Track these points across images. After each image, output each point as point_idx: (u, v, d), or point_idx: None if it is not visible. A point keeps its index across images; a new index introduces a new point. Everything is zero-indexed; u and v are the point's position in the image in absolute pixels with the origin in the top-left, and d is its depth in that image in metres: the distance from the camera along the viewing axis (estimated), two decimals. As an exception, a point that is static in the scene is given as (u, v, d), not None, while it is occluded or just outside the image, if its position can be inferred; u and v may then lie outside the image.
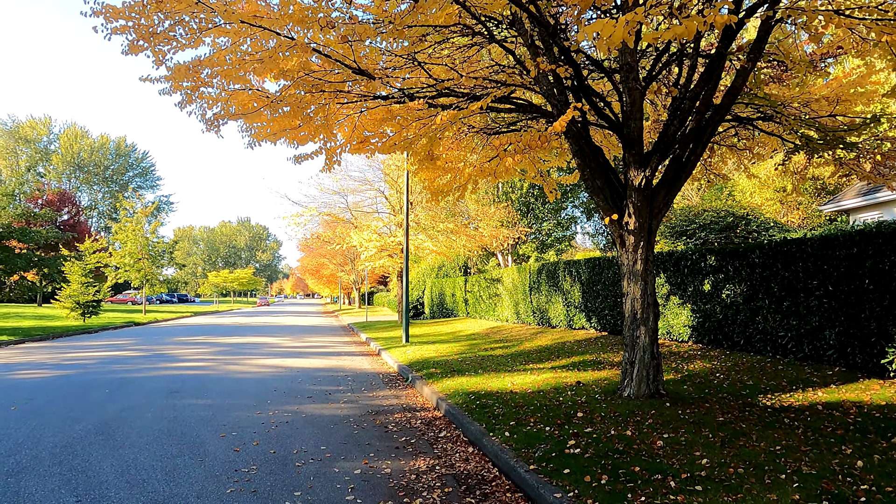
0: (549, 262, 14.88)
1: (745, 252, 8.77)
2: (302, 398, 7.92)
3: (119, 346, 15.24)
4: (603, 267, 12.30)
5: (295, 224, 19.88)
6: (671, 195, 6.12)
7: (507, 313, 18.24)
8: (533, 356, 10.78)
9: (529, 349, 11.87)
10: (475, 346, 13.43)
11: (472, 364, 10.23)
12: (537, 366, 9.55)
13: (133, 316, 34.33)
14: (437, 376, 9.09)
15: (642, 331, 6.06)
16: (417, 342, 15.05)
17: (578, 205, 34.83)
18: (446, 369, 9.77)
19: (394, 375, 10.39)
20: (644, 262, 6.05)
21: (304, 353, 13.66)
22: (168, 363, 11.57)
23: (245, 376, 9.91)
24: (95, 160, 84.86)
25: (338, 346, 15.95)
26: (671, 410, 5.73)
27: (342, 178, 20.57)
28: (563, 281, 14.06)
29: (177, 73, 6.37)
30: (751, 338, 8.68)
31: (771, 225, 18.21)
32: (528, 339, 13.63)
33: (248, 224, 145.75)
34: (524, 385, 7.83)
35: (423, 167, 7.90)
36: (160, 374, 9.95)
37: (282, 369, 10.81)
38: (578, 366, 9.17)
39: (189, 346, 15.24)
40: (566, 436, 5.17)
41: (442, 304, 26.61)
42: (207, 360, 12.12)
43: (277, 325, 25.96)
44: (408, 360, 11.53)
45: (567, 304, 13.92)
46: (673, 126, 5.53)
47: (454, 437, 5.90)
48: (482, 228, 20.74)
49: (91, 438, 5.61)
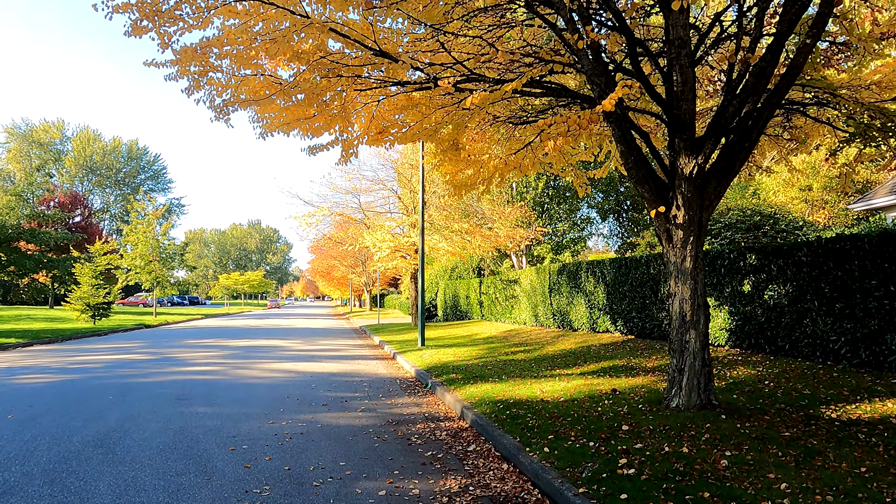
0: (571, 263, 14.30)
1: (790, 250, 8.16)
2: (317, 406, 7.42)
3: (127, 350, 14.86)
4: (630, 267, 11.71)
5: (306, 224, 19.45)
6: (723, 186, 5.55)
7: (524, 316, 17.66)
8: (558, 361, 10.22)
9: (553, 353, 11.30)
10: (494, 349, 12.88)
11: (495, 369, 9.68)
12: (565, 371, 8.99)
13: (144, 318, 34.12)
14: (459, 382, 8.56)
15: (692, 335, 5.48)
16: (433, 345, 14.53)
17: (594, 205, 34.22)
18: (468, 375, 9.23)
19: (411, 381, 9.87)
20: (694, 260, 5.48)
21: (317, 357, 13.19)
22: (176, 367, 11.13)
23: (256, 382, 9.43)
24: (108, 163, 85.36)
25: (351, 349, 15.47)
26: (728, 424, 5.14)
27: (355, 177, 20.14)
28: (585, 282, 13.47)
29: (184, 57, 5.91)
30: (797, 342, 8.06)
31: (800, 224, 17.50)
32: (550, 342, 13.05)
33: (259, 226, 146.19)
34: (555, 393, 7.28)
35: (446, 158, 7.38)
36: (168, 380, 9.51)
37: (294, 374, 10.33)
38: (610, 372, 8.58)
39: (199, 350, 14.82)
40: (615, 453, 4.61)
41: (456, 306, 26.07)
42: (217, 365, 11.67)
43: (288, 328, 25.56)
44: (425, 364, 11.01)
45: (590, 306, 13.33)
46: (732, 107, 4.96)
47: (485, 452, 5.36)
48: (498, 229, 20.19)
49: (89, 452, 5.14)
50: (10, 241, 24.76)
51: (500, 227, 20.19)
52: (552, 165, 8.37)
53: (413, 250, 19.55)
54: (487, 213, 21.38)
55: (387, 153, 20.60)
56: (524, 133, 7.84)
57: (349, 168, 19.85)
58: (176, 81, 6.22)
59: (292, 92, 6.46)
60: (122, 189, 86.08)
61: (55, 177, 51.10)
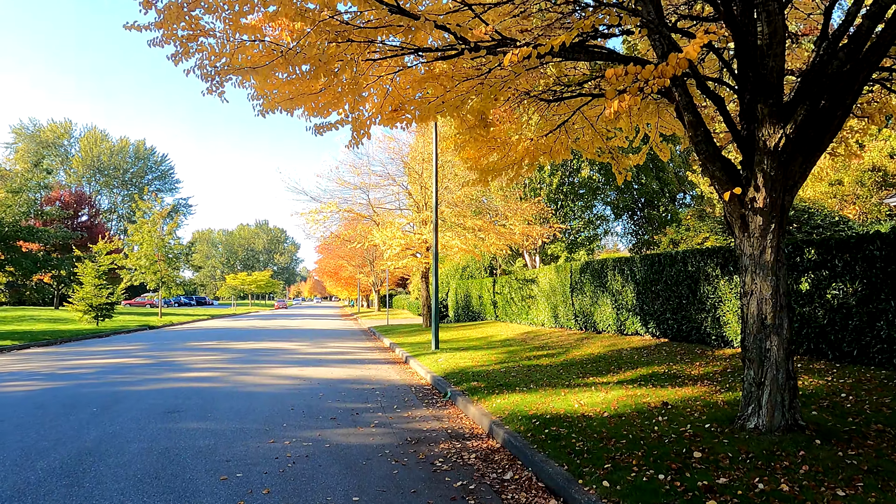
0: (595, 261, 13.36)
1: (859, 243, 7.20)
2: (324, 420, 6.56)
3: (125, 353, 14.09)
4: (664, 264, 10.76)
5: (313, 221, 18.61)
6: (809, 163, 4.62)
7: (542, 316, 16.73)
8: (588, 367, 9.30)
9: (580, 358, 10.38)
10: (514, 353, 11.97)
11: (520, 376, 8.78)
12: (600, 380, 8.07)
13: (149, 319, 33.49)
14: (482, 392, 7.67)
15: (774, 341, 4.56)
16: (448, 348, 13.65)
17: (609, 202, 33.19)
18: (490, 382, 8.34)
19: (428, 389, 8.99)
20: (775, 251, 4.55)
21: (325, 361, 12.35)
22: (173, 373, 10.32)
23: (258, 390, 8.59)
24: (115, 163, 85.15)
25: (360, 352, 14.62)
26: (826, 451, 4.22)
27: (364, 171, 19.29)
28: (612, 281, 12.53)
29: (168, 16, 5.05)
30: (867, 348, 7.10)
31: (836, 219, 16.46)
32: (574, 345, 12.13)
33: (266, 227, 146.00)
34: (595, 406, 6.37)
35: (470, 139, 6.51)
36: (162, 388, 8.68)
37: (300, 381, 9.48)
38: (651, 380, 7.66)
39: (200, 353, 14.02)
40: (696, 491, 3.70)
41: (468, 306, 25.17)
42: (217, 370, 10.85)
43: (295, 329, 24.77)
44: (441, 369, 10.13)
45: (617, 306, 12.39)
46: (837, 60, 4.03)
47: (526, 482, 4.46)
48: (512, 225, 19.26)
49: (52, 483, 4.29)
50: (8, 240, 24.04)
51: (515, 224, 19.27)
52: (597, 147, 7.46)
53: (425, 248, 18.67)
54: (501, 210, 20.46)
55: (396, 147, 19.76)
56: (557, 111, 6.94)
57: (358, 162, 19.05)
58: (161, 47, 5.37)
59: (296, 61, 5.59)
60: (130, 189, 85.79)
61: (54, 172, 50.23)
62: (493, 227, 19.24)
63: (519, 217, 19.51)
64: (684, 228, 19.69)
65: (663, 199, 33.43)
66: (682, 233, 19.31)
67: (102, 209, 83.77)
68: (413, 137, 20.68)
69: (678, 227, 21.06)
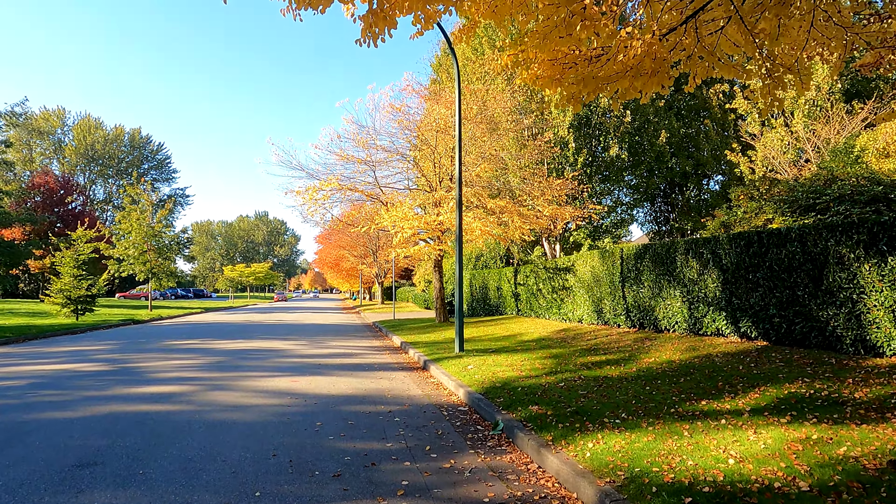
0: (658, 244, 10.85)
1: None
2: (323, 482, 4.12)
3: (84, 355, 11.65)
4: (767, 245, 8.27)
5: (311, 201, 16.07)
6: None
7: (580, 311, 14.27)
8: (683, 382, 6.83)
9: (658, 367, 7.92)
10: (561, 358, 9.52)
11: (594, 397, 6.33)
12: (718, 405, 5.61)
13: (136, 313, 31.11)
14: (553, 424, 5.24)
15: None
16: (474, 350, 11.22)
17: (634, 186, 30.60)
18: (557, 406, 5.91)
19: (464, 412, 6.56)
20: None
21: (325, 367, 9.91)
22: (126, 387, 7.88)
23: (231, 417, 6.14)
24: (110, 152, 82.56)
25: (367, 353, 12.18)
26: None
27: (370, 145, 16.73)
28: (683, 268, 10.05)
29: None
30: None
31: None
32: (637, 349, 9.66)
33: (266, 218, 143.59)
34: (761, 460, 3.92)
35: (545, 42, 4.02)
36: (96, 414, 6.24)
37: (292, 399, 7.05)
38: (805, 409, 5.19)
39: (174, 356, 11.59)
40: None
41: (484, 299, 22.72)
42: (186, 382, 8.42)
43: (293, 324, 22.35)
44: (476, 382, 7.70)
45: (691, 299, 9.92)
46: None
47: None
48: (540, 206, 16.75)
49: None
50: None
51: (543, 205, 16.75)
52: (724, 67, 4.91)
53: (440, 231, 16.19)
54: (526, 189, 17.93)
55: (407, 117, 17.20)
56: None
57: (361, 132, 16.48)
58: None
59: None
60: (126, 179, 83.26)
61: (13, 145, 47.00)
62: (517, 209, 16.73)
63: (548, 196, 16.99)
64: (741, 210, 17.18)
65: (691, 183, 30.90)
66: (738, 214, 16.80)
67: (98, 199, 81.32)
68: (423, 108, 18.15)
69: (728, 209, 18.56)
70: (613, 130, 22.86)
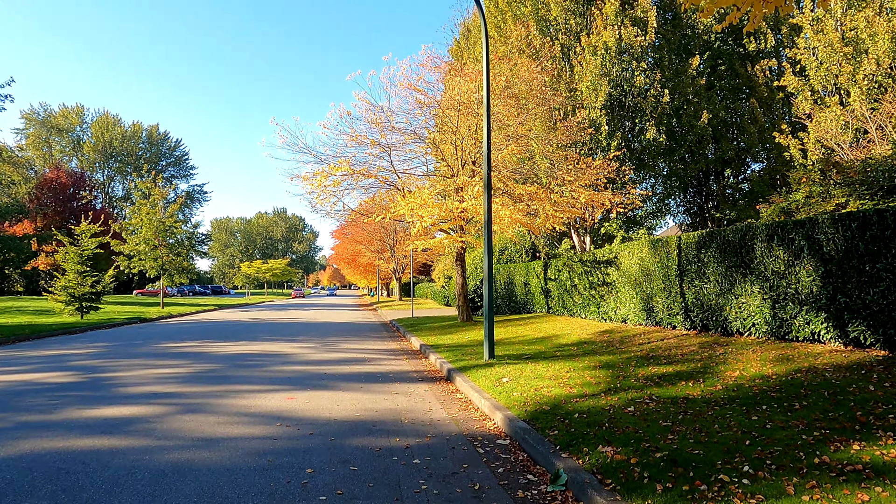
0: (729, 229, 8.99)
1: None
2: None
3: (60, 361, 10.24)
4: (894, 227, 6.40)
5: (320, 188, 14.49)
6: None
7: (625, 310, 12.45)
8: (803, 412, 5.03)
9: (751, 386, 6.12)
10: (616, 368, 7.77)
11: (690, 432, 4.58)
12: (889, 452, 3.84)
13: (147, 310, 30.07)
14: (644, 482, 3.55)
15: None
16: (506, 356, 9.54)
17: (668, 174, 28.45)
18: (638, 446, 4.20)
19: (506, 449, 4.88)
20: None
21: (331, 377, 8.32)
22: (81, 409, 6.36)
23: (193, 458, 4.54)
24: (127, 148, 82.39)
25: (382, 358, 10.56)
26: None
27: (385, 126, 15.07)
28: (765, 258, 8.20)
29: None
30: None
31: None
32: (709, 357, 7.85)
33: (284, 214, 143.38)
34: None
35: None
36: (11, 454, 4.70)
37: (281, 428, 5.44)
38: None
39: (162, 362, 10.11)
40: None
41: (510, 296, 20.97)
42: (159, 400, 6.88)
43: (304, 322, 20.90)
44: (517, 403, 6.02)
45: (774, 296, 8.06)
46: None
47: None
48: (576, 192, 14.92)
49: None
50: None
51: (579, 190, 14.92)
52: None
53: (462, 220, 14.49)
54: (556, 174, 16.11)
55: (426, 96, 15.51)
56: None
57: (374, 114, 14.82)
58: None
59: None
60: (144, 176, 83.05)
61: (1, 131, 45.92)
62: (548, 196, 14.95)
63: (583, 181, 15.16)
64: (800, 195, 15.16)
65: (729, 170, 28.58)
66: (799, 199, 14.79)
67: (117, 196, 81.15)
68: (443, 88, 16.45)
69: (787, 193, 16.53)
70: (650, 111, 20.88)
